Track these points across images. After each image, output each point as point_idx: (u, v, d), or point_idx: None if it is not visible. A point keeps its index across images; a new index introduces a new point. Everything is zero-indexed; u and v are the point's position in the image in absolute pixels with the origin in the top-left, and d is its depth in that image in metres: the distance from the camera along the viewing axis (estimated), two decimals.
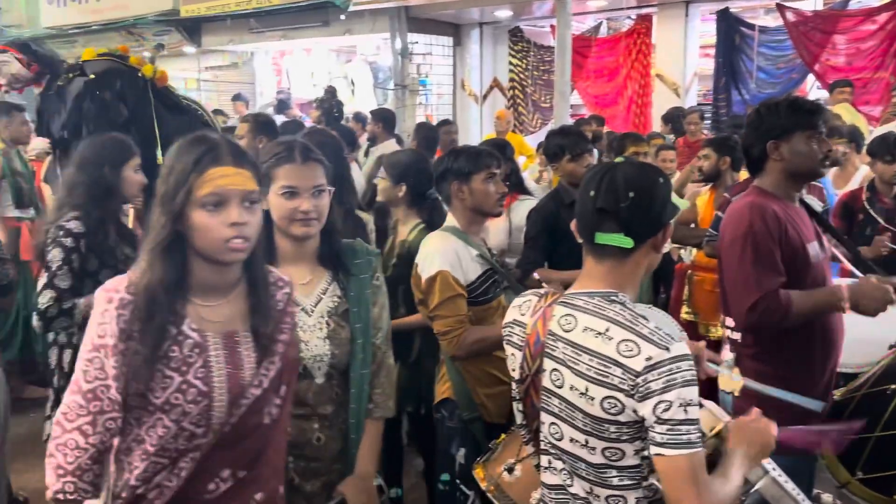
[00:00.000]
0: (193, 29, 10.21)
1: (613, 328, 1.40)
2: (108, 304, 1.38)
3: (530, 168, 6.05)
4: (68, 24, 11.56)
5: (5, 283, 2.93)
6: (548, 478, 1.57)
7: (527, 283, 3.37)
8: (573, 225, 1.58)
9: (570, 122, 7.09)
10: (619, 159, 1.59)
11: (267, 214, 1.69)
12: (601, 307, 1.45)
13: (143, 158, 3.21)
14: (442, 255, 2.38)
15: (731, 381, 2.25)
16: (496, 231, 3.72)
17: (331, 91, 7.98)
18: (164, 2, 9.80)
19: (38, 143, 5.63)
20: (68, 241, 2.52)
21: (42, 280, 2.50)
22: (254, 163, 1.47)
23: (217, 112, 7.01)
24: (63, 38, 11.78)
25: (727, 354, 2.29)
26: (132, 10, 10.34)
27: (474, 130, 9.19)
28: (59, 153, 3.46)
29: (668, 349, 1.35)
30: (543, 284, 2.44)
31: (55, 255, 2.51)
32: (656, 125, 7.38)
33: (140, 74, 3.44)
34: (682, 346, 1.38)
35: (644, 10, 7.84)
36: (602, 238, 1.49)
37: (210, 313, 1.44)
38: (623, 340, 1.38)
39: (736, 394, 2.22)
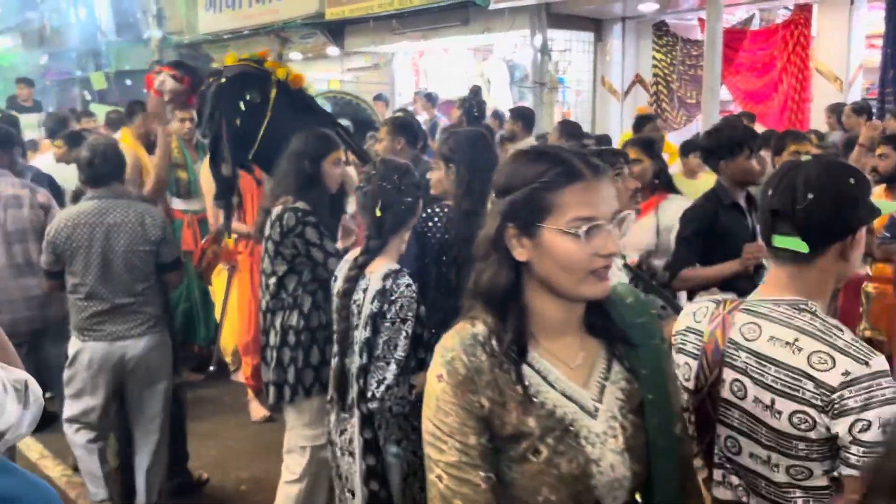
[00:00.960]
0: (337, 31, 10.60)
1: (804, 338, 1.30)
2: None
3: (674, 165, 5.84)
4: (223, 29, 12.35)
5: (171, 261, 3.19)
6: (720, 493, 1.48)
7: (674, 285, 3.23)
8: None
9: (719, 118, 6.76)
10: (806, 157, 1.47)
11: None
12: (789, 316, 1.35)
13: (271, 156, 3.41)
14: None
15: None
16: (643, 230, 3.59)
17: (475, 91, 8.05)
18: (310, 6, 10.24)
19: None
20: (312, 218, 2.75)
21: (316, 255, 2.75)
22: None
23: None
24: (218, 42, 12.61)
25: None
26: (281, 15, 10.89)
27: (615, 128, 8.96)
28: (210, 155, 3.68)
29: (867, 364, 1.24)
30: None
31: (311, 233, 2.73)
32: (815, 122, 6.90)
33: (273, 78, 3.58)
34: (881, 361, 1.26)
35: (804, 0, 7.34)
36: (778, 241, 1.40)
37: None
38: (815, 352, 1.28)
39: None
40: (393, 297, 2.19)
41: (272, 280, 2.86)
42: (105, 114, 7.48)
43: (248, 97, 3.48)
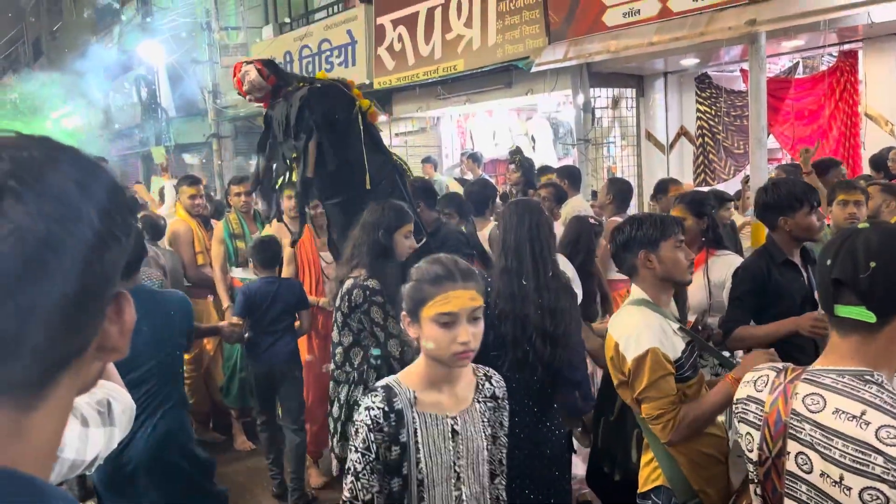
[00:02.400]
0: (385, 99, 10.93)
1: (871, 412, 1.28)
2: None
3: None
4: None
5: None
6: None
7: (729, 344, 3.19)
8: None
9: (768, 168, 6.72)
10: (863, 224, 1.47)
11: None
12: (854, 387, 1.33)
13: (349, 182, 3.51)
14: (648, 330, 2.24)
15: None
16: (694, 290, 3.55)
17: (517, 151, 8.20)
18: (359, 76, 10.61)
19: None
20: (378, 298, 2.83)
21: (378, 335, 2.83)
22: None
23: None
24: None
25: None
26: None
27: None
28: (301, 189, 3.72)
29: None
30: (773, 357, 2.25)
31: (377, 313, 2.81)
32: (868, 167, 6.78)
33: (357, 104, 3.65)
34: None
35: (847, 46, 7.30)
36: (842, 311, 1.37)
37: None
38: (884, 426, 1.25)
39: None
40: None
41: (339, 350, 2.93)
42: (157, 190, 7.84)
43: (336, 113, 3.55)
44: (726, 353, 3.07)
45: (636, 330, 2.28)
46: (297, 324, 4.41)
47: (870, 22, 6.17)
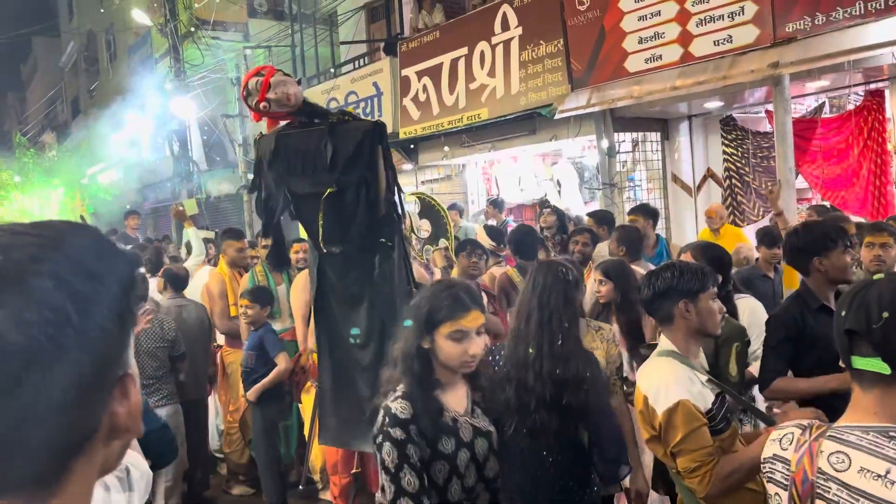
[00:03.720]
0: (411, 148, 11.10)
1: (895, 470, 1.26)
2: None
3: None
4: None
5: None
6: None
7: (767, 396, 3.12)
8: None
9: (798, 208, 6.66)
10: (878, 276, 1.46)
11: None
12: (879, 445, 1.30)
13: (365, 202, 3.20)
14: (677, 382, 2.21)
15: None
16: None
17: (544, 202, 8.29)
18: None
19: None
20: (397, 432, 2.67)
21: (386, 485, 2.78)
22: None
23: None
24: None
25: None
26: None
27: (689, 222, 8.90)
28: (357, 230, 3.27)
29: None
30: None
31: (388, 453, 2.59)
32: None
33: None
34: None
35: (873, 86, 7.27)
36: (858, 363, 1.37)
37: None
38: None
39: None
40: None
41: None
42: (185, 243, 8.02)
43: (387, 153, 3.31)
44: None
45: (665, 382, 2.24)
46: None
47: (895, 61, 6.15)
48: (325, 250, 3.31)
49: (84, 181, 19.65)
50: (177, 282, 5.63)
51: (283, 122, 3.39)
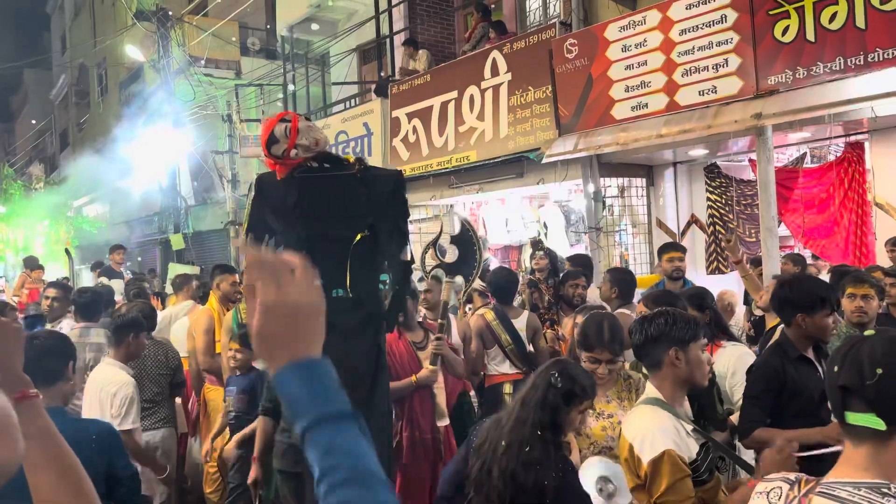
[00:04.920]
0: None
1: None
2: None
3: None
4: None
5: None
6: None
7: (747, 445, 3.12)
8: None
9: (780, 255, 6.74)
10: (869, 332, 1.49)
11: None
12: (871, 501, 1.31)
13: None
14: (663, 432, 2.21)
15: None
16: None
17: (537, 243, 8.34)
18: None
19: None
20: None
21: None
22: None
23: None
24: None
25: None
26: None
27: None
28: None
29: None
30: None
31: None
32: (880, 258, 6.79)
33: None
34: None
35: (854, 138, 7.44)
36: (852, 419, 1.38)
37: None
38: None
39: None
40: None
41: None
42: (170, 279, 7.95)
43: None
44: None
45: (651, 431, 2.25)
46: None
47: (873, 116, 6.31)
48: (349, 294, 3.23)
49: (70, 213, 19.56)
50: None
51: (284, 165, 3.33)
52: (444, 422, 4.48)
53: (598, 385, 2.89)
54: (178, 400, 5.48)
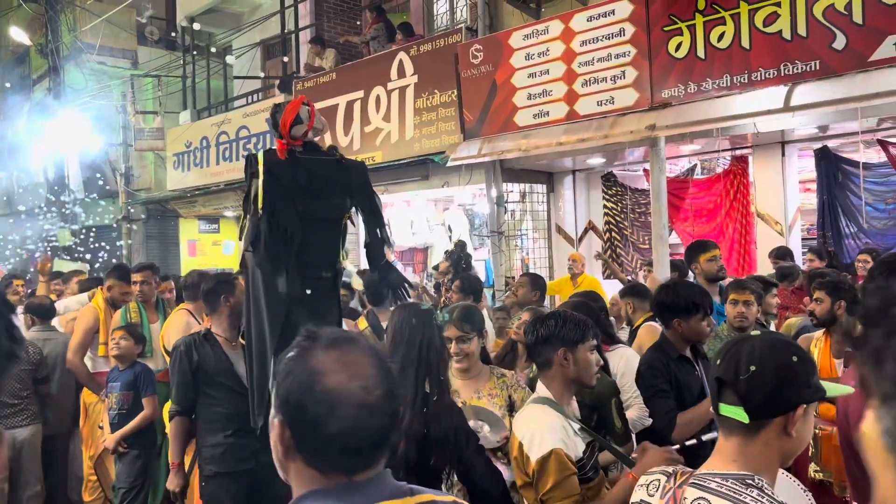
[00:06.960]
0: None
1: None
2: None
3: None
4: (190, 186, 12.72)
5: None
6: None
7: (675, 437, 3.14)
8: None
9: (669, 261, 7.03)
10: (755, 332, 1.57)
11: None
12: (737, 492, 1.38)
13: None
14: (551, 431, 2.25)
15: None
16: None
17: (461, 245, 8.40)
18: None
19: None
20: None
21: None
22: None
23: None
24: (184, 198, 12.94)
25: None
26: (239, 174, 11.25)
27: None
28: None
29: None
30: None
31: None
32: (762, 266, 7.21)
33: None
34: None
35: (739, 151, 7.88)
36: (723, 409, 1.47)
37: None
38: None
39: None
40: None
41: None
42: (76, 281, 7.47)
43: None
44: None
45: (539, 430, 2.28)
46: None
47: (756, 131, 6.69)
48: (326, 275, 3.45)
49: None
50: (41, 311, 5.56)
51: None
52: None
53: (460, 371, 3.12)
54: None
